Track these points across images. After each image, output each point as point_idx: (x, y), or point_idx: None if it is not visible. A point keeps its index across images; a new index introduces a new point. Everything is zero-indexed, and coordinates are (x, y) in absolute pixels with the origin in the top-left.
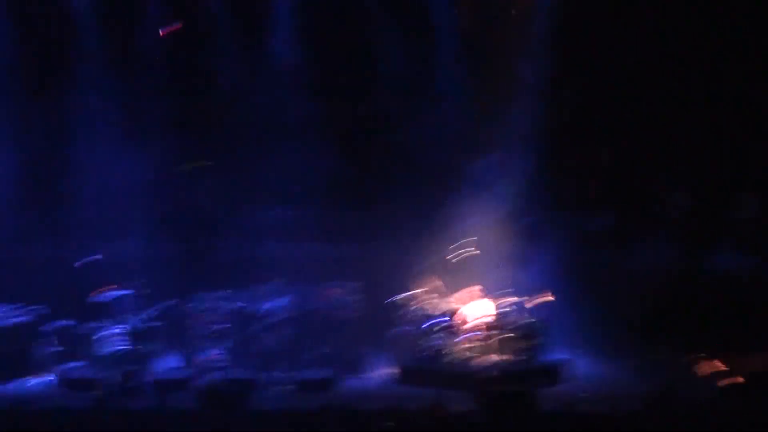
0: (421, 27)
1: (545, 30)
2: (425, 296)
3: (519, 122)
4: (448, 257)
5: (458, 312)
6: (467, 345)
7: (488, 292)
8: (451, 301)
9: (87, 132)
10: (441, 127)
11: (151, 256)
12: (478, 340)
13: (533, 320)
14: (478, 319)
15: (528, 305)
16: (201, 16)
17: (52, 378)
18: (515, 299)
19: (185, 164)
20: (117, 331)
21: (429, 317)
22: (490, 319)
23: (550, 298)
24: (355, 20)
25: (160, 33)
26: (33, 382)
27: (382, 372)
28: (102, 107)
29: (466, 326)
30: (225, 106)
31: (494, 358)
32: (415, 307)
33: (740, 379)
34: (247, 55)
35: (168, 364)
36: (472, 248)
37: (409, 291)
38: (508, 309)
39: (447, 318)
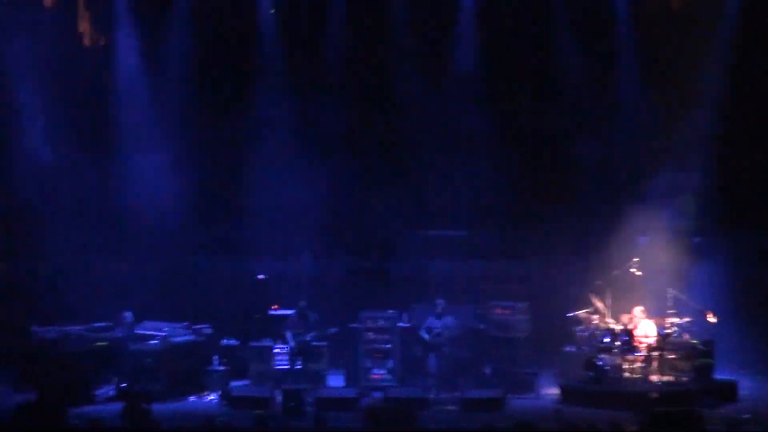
0: (599, 40)
1: (723, 43)
2: (591, 316)
3: (695, 137)
4: (614, 276)
5: (624, 332)
6: (633, 365)
7: (654, 312)
8: (617, 322)
9: (265, 149)
10: (616, 142)
11: (321, 273)
12: (643, 360)
13: (699, 340)
14: (643, 339)
15: (694, 325)
16: (381, 33)
17: (214, 396)
18: (681, 319)
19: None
20: (282, 349)
21: (595, 337)
22: (655, 339)
23: (716, 318)
24: (535, 36)
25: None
26: (195, 399)
27: (548, 392)
28: (280, 124)
29: (631, 346)
30: (401, 124)
31: (660, 378)
32: (581, 327)
33: None
34: (425, 73)
35: (333, 383)
36: (638, 267)
37: (575, 310)
38: (673, 329)
39: (613, 338)
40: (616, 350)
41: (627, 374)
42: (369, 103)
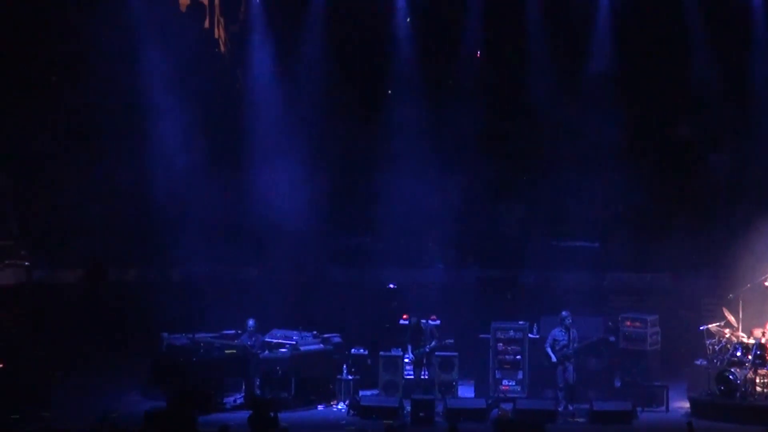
0: (737, 49)
1: None
2: (723, 329)
3: None
4: (747, 289)
5: (756, 346)
6: (765, 379)
7: None
8: (749, 335)
9: (399, 157)
10: (751, 153)
11: (452, 283)
12: None
13: None
14: None
15: None
16: (516, 38)
17: (343, 405)
18: None
19: None
20: (410, 359)
21: (726, 351)
22: None
23: None
24: (672, 42)
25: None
26: (324, 408)
27: (678, 405)
28: (413, 132)
29: (764, 360)
30: (534, 132)
31: None
32: (712, 340)
33: None
34: (560, 78)
35: (462, 393)
36: (767, 282)
37: (707, 324)
38: None
39: (744, 352)
40: (748, 364)
41: (759, 388)
42: (503, 111)
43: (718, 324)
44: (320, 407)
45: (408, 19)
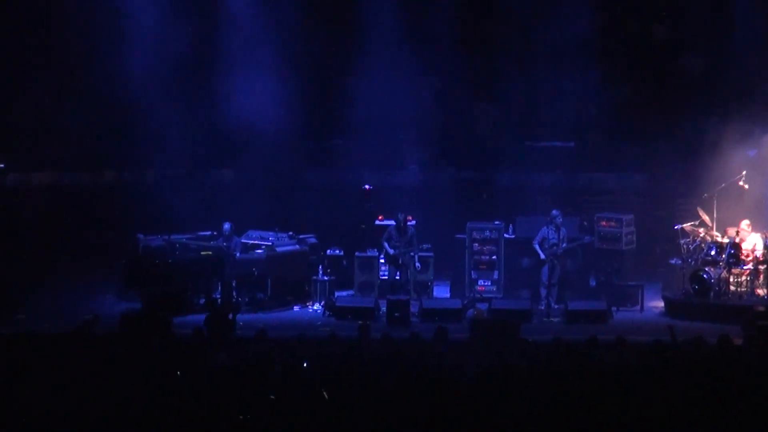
0: None
1: None
2: (697, 229)
3: None
4: (721, 189)
5: (730, 245)
6: (739, 278)
7: (761, 226)
8: (723, 235)
9: (372, 59)
10: (726, 54)
11: (427, 184)
12: (749, 273)
13: None
14: (750, 252)
15: None
16: None
17: (319, 306)
18: None
19: None
20: (393, 253)
21: (701, 250)
22: (762, 253)
23: None
24: None
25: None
26: (299, 309)
27: (653, 304)
28: (386, 34)
29: (737, 259)
30: (508, 32)
31: (766, 291)
32: (687, 239)
33: None
34: None
35: (437, 294)
36: (745, 180)
37: (681, 223)
38: None
39: (719, 251)
40: (721, 263)
41: (733, 287)
42: (476, 11)
43: (692, 223)
44: (296, 308)
45: None
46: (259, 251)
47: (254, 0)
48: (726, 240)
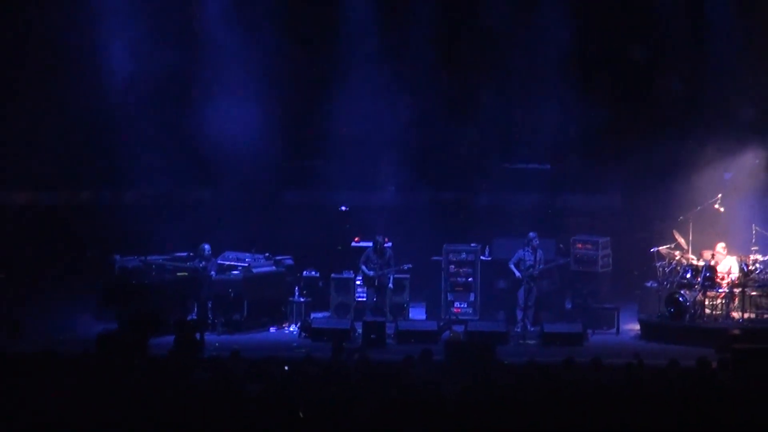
0: None
1: None
2: (673, 251)
3: None
4: (697, 212)
5: (706, 268)
6: (714, 301)
7: (737, 249)
8: (699, 257)
9: (350, 79)
10: (704, 76)
11: (405, 205)
12: (724, 296)
13: None
14: (725, 275)
15: None
16: None
17: (295, 327)
18: (764, 256)
19: None
20: (362, 281)
21: (676, 273)
22: (737, 276)
23: None
24: None
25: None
26: (275, 330)
27: (629, 327)
28: (365, 53)
29: (713, 283)
30: (488, 52)
31: (741, 315)
32: (663, 262)
33: None
34: None
35: (413, 315)
36: (721, 203)
37: (657, 246)
38: (756, 266)
39: (694, 274)
40: (697, 286)
41: (708, 310)
42: (453, 32)
43: (668, 246)
44: (272, 329)
45: None
46: (235, 272)
47: (233, 21)
48: (701, 263)
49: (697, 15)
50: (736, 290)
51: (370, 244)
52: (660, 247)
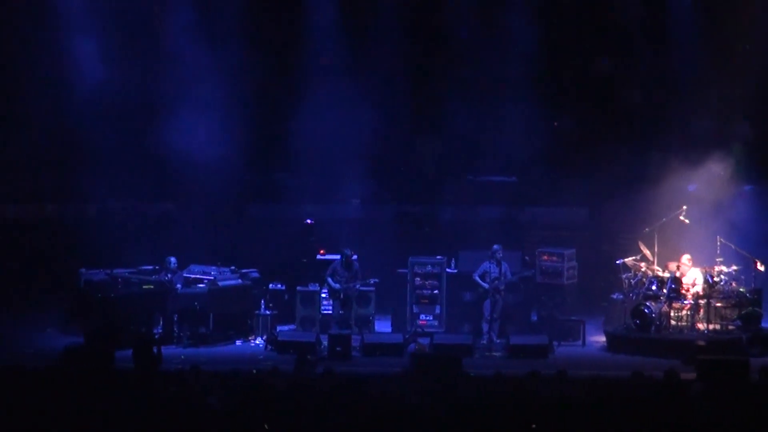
0: None
1: None
2: (639, 263)
3: (747, 85)
4: (662, 224)
5: (671, 280)
6: (680, 313)
7: (702, 260)
8: (664, 269)
9: (314, 93)
10: (666, 89)
11: (369, 218)
12: (690, 308)
13: (747, 289)
14: (690, 287)
15: (742, 273)
16: None
17: (261, 340)
18: (729, 268)
19: None
20: (338, 288)
21: (642, 285)
22: (702, 287)
23: (764, 266)
24: None
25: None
26: (241, 343)
27: (595, 339)
28: (329, 67)
29: (678, 294)
30: (452, 67)
31: (707, 326)
32: (628, 274)
33: None
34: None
35: (379, 328)
36: (686, 215)
37: (623, 258)
38: (721, 277)
39: (660, 286)
40: (662, 298)
41: (674, 322)
42: (417, 44)
43: (634, 258)
44: (238, 342)
45: None
46: (201, 285)
47: (197, 36)
48: (667, 274)
49: (660, 29)
50: (702, 302)
51: (336, 257)
52: (626, 259)
